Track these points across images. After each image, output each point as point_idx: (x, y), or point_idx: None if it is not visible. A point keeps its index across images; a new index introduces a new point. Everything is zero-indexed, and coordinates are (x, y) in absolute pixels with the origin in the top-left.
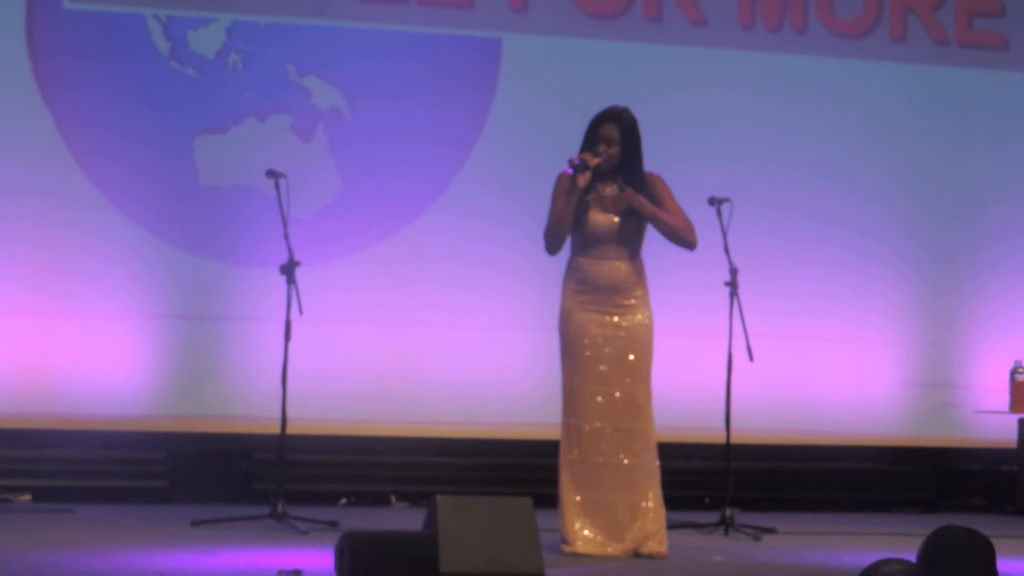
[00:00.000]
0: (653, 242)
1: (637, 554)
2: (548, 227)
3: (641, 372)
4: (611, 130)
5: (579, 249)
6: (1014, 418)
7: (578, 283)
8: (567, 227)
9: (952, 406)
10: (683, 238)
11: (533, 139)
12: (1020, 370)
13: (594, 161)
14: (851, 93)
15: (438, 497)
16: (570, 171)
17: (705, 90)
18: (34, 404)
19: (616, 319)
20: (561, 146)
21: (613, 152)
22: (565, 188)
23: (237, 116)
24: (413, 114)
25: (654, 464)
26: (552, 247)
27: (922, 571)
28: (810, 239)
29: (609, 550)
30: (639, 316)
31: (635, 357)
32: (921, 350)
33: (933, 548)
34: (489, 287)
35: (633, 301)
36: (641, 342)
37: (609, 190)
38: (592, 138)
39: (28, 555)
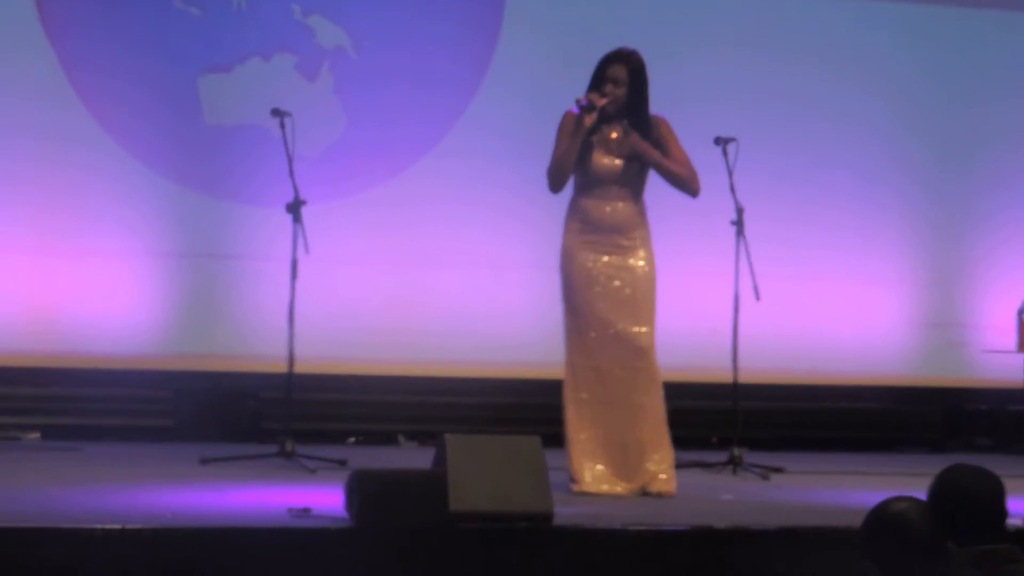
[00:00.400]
0: (657, 183)
1: (645, 492)
2: (552, 165)
3: (645, 312)
4: (619, 71)
5: (582, 189)
6: (1021, 357)
7: (581, 223)
8: (571, 166)
9: (959, 345)
10: (687, 185)
11: (536, 84)
12: None
13: (601, 101)
14: (856, 36)
15: (447, 436)
16: (576, 110)
17: (709, 33)
18: (42, 343)
19: (619, 259)
20: (563, 91)
21: (620, 93)
22: (570, 127)
23: (242, 55)
24: (417, 56)
25: (661, 403)
26: (556, 185)
27: (932, 509)
28: (814, 181)
29: (618, 488)
30: (641, 256)
31: (639, 297)
32: (928, 290)
33: (943, 487)
34: (492, 228)
35: (636, 241)
36: (644, 282)
37: (615, 132)
38: (600, 78)
39: (38, 492)
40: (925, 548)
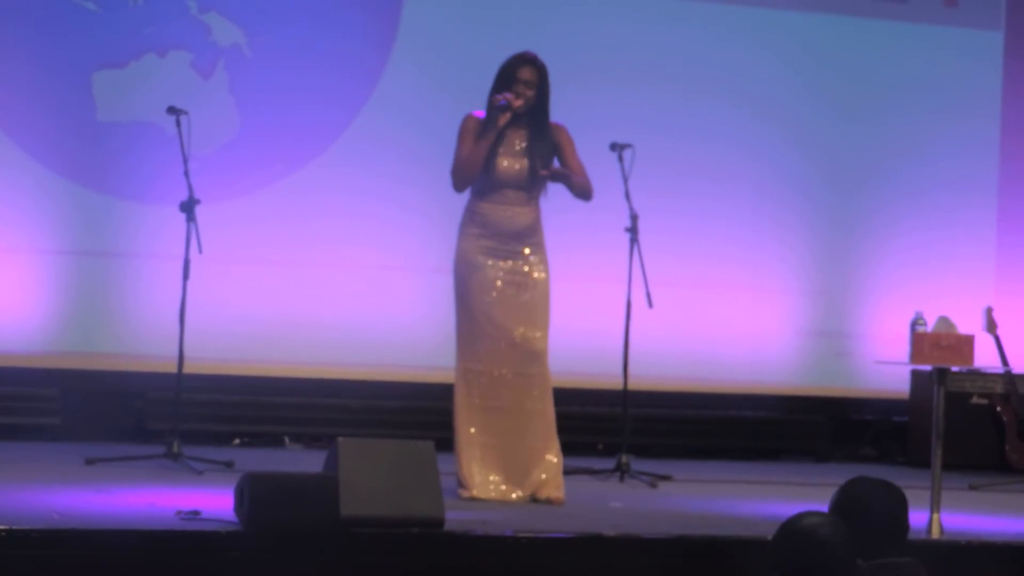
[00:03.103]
0: (553, 186)
1: (535, 499)
2: (459, 166)
3: (540, 317)
4: (530, 73)
5: (481, 193)
6: (906, 370)
7: (479, 227)
8: (480, 166)
9: (846, 356)
10: (586, 195)
11: (439, 69)
12: (921, 321)
13: (517, 102)
14: (753, 40)
15: (339, 439)
16: (479, 114)
17: (610, 29)
18: None
19: (515, 264)
20: (468, 73)
21: (530, 95)
22: (473, 129)
23: (137, 51)
24: (315, 48)
25: (552, 410)
26: (461, 185)
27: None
28: (707, 184)
29: (508, 495)
30: (537, 262)
31: (535, 302)
32: (816, 298)
33: (846, 500)
34: (390, 226)
35: (532, 247)
36: (540, 287)
37: (517, 136)
38: (510, 79)
39: None
40: (836, 563)
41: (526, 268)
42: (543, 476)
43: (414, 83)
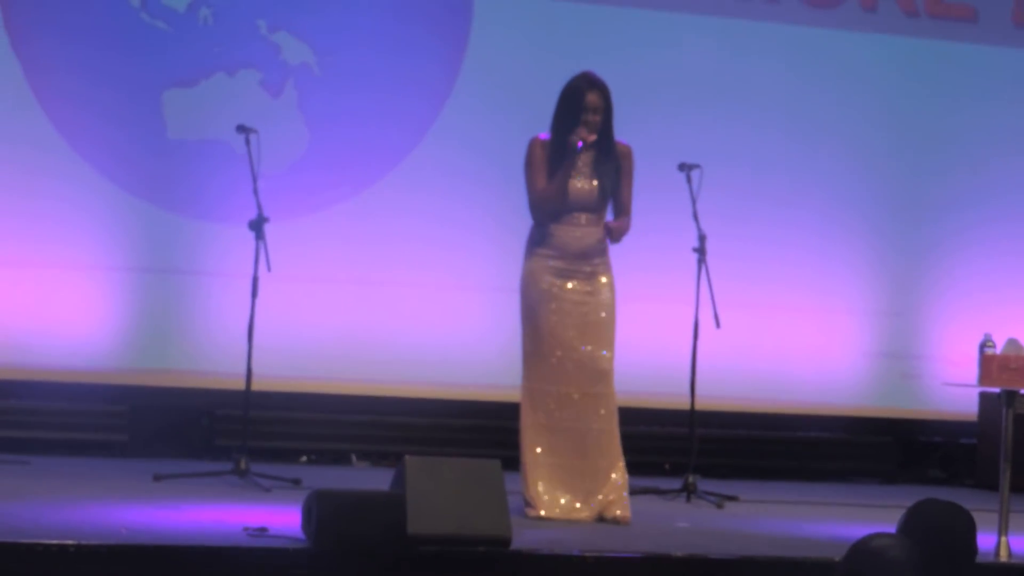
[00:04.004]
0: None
1: (602, 518)
2: (540, 200)
3: (607, 336)
4: (596, 97)
5: (551, 215)
6: (975, 392)
7: (548, 247)
8: (560, 200)
9: (914, 377)
10: (620, 240)
11: (506, 94)
12: (990, 343)
13: (591, 138)
14: (822, 62)
15: (407, 457)
16: (544, 136)
17: (676, 54)
18: None
19: (583, 284)
20: (534, 101)
21: (598, 120)
22: (541, 154)
23: (206, 70)
24: (384, 69)
25: (617, 429)
26: (545, 219)
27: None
28: (777, 207)
29: (574, 514)
30: (603, 280)
31: (601, 322)
32: (886, 320)
33: (914, 521)
34: (456, 246)
35: (599, 267)
36: (607, 307)
37: (585, 156)
38: (578, 106)
39: None
40: None
41: (593, 287)
42: (609, 495)
43: (480, 107)
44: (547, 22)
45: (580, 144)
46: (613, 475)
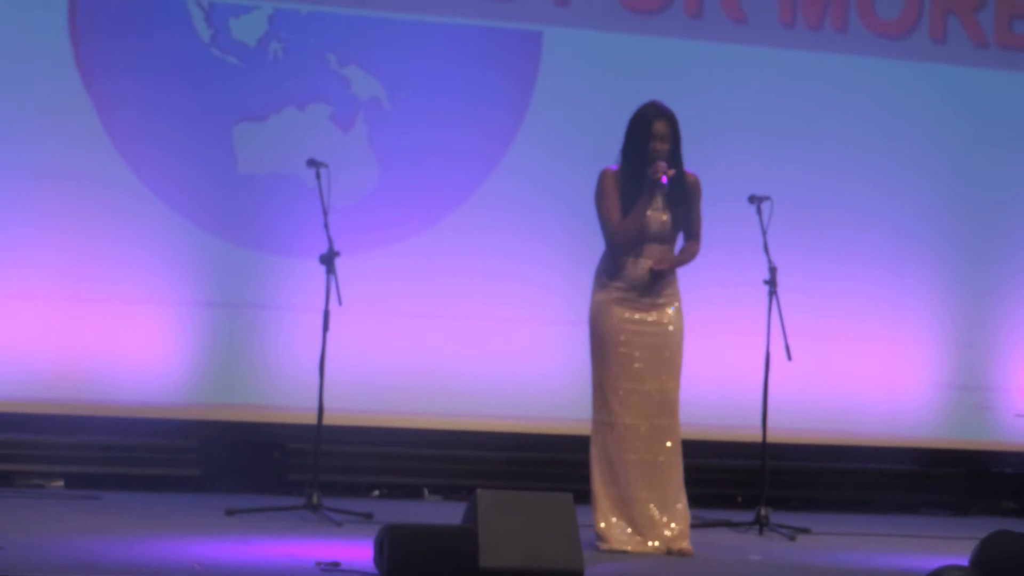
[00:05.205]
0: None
1: (670, 551)
2: (618, 235)
3: (674, 368)
4: (664, 127)
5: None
6: None
7: (618, 279)
8: (638, 234)
9: (986, 408)
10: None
11: (572, 133)
12: None
13: (671, 172)
14: (890, 93)
15: (478, 491)
16: (614, 168)
17: (744, 87)
18: (68, 390)
19: (650, 315)
20: (600, 141)
21: (667, 149)
22: (612, 186)
23: (277, 105)
24: (453, 106)
25: (680, 461)
26: (624, 252)
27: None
28: (847, 239)
29: (644, 547)
30: (671, 312)
31: (668, 353)
32: (957, 352)
33: (987, 553)
34: (524, 280)
35: (668, 298)
36: (674, 339)
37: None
38: (647, 134)
39: (62, 542)
40: None
41: (661, 319)
42: (674, 527)
43: (546, 147)
44: (614, 58)
45: (665, 180)
46: (677, 507)
